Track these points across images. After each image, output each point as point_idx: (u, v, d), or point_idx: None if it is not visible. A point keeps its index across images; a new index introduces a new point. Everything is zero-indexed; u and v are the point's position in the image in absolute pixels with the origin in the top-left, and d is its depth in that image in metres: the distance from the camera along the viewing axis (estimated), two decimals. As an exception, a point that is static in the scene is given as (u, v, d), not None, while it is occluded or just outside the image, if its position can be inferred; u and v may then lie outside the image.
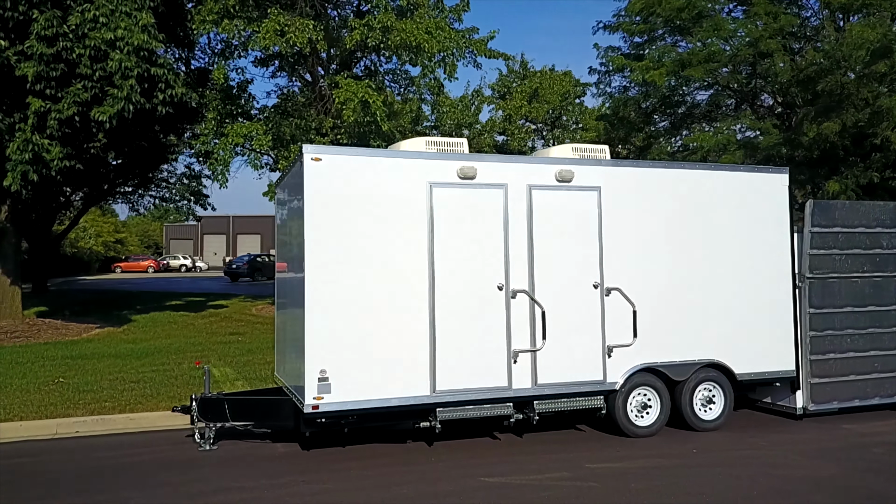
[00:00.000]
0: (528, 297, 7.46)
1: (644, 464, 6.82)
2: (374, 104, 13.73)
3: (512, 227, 7.47)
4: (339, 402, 6.77)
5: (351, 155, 7.15)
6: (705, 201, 8.29)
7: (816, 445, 7.48)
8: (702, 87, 17.71)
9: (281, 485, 6.25)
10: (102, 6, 11.62)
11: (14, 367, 11.40)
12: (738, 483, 6.18)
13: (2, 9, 10.95)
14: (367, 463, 6.91)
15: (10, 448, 7.71)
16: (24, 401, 9.26)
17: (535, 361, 7.46)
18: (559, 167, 7.69)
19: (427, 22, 14.42)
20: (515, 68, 33.48)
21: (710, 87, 18.01)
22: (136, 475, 6.58)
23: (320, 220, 6.83)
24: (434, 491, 6.06)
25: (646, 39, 18.10)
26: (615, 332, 7.77)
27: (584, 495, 5.91)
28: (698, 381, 8.12)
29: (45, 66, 11.30)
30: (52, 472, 6.73)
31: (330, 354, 6.76)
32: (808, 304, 8.64)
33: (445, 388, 7.12)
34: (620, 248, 7.87)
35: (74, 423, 8.57)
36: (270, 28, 13.26)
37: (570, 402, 7.60)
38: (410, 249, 7.11)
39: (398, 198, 7.10)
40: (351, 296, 6.88)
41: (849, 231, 8.86)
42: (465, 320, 7.23)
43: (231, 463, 6.98)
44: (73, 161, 12.32)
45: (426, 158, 7.32)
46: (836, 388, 8.76)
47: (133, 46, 11.23)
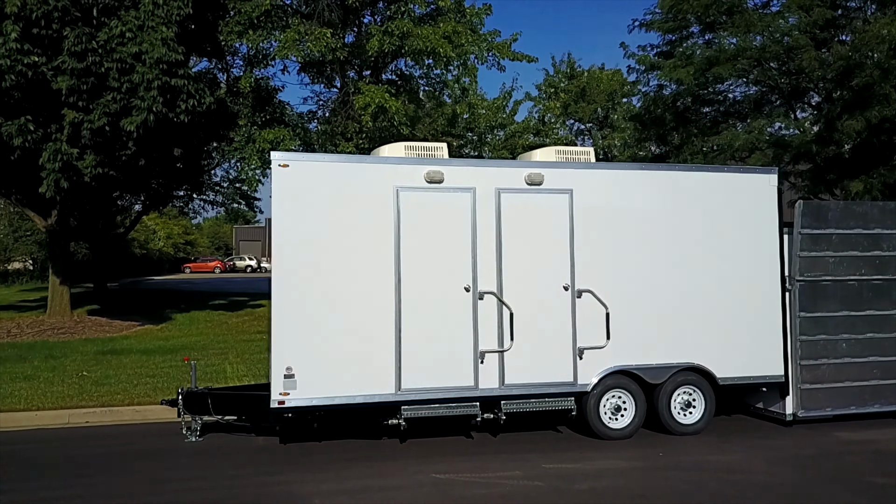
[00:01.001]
0: (496, 298, 7.57)
1: (601, 465, 6.85)
2: (391, 109, 14.05)
3: (480, 230, 7.60)
4: (304, 398, 7.06)
5: (317, 161, 7.48)
6: (685, 203, 8.19)
7: (790, 452, 7.30)
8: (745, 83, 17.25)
9: (243, 475, 6.59)
10: (130, 22, 12.36)
11: (48, 361, 12.23)
12: (684, 487, 6.15)
13: (37, 27, 11.78)
14: (333, 457, 7.17)
15: (17, 435, 8.34)
16: (46, 392, 9.95)
17: (503, 362, 7.56)
18: (528, 170, 7.77)
19: (445, 27, 14.64)
20: (563, 68, 33.35)
21: (753, 84, 17.53)
22: (115, 463, 7.06)
23: (287, 223, 7.15)
24: (382, 485, 6.28)
25: (678, 37, 17.75)
26: (587, 333, 7.78)
27: (523, 493, 6.01)
28: (676, 384, 8.04)
29: (77, 80, 12.10)
30: (41, 459, 7.28)
31: (296, 352, 7.07)
32: (797, 307, 8.42)
33: (410, 387, 7.31)
34: (594, 250, 7.88)
35: (85, 414, 9.17)
36: (290, 38, 13.77)
37: (539, 403, 7.66)
38: (376, 252, 7.33)
39: (364, 201, 7.34)
40: (317, 297, 7.16)
41: (844, 232, 8.57)
42: (430, 321, 7.41)
43: (207, 454, 7.37)
44: (107, 168, 13.11)
45: (392, 163, 7.54)
46: (830, 395, 8.50)
47: (154, 59, 11.90)
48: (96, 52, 12.10)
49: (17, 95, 12.10)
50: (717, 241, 8.25)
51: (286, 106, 18.84)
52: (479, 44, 15.50)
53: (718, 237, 8.26)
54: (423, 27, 14.40)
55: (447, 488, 6.16)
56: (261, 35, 14.31)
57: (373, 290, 7.30)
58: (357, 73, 16.90)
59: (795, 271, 8.42)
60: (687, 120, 17.67)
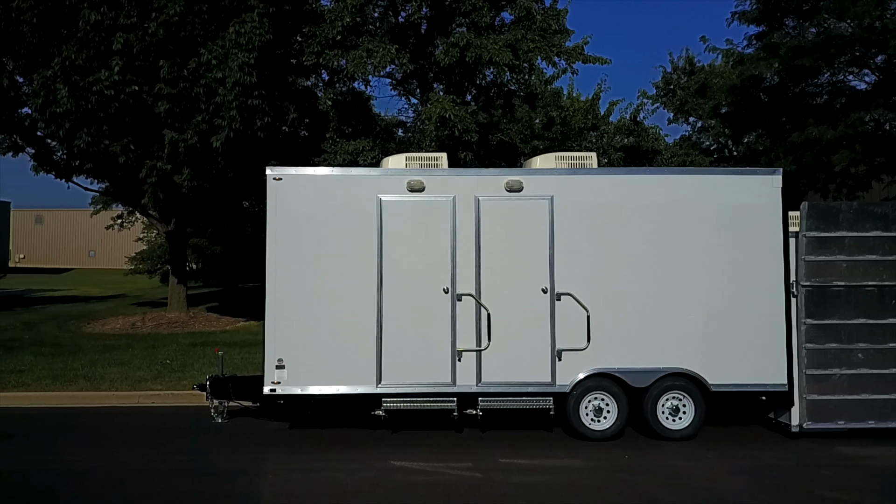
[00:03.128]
0: (474, 299, 7.97)
1: (555, 463, 7.07)
2: (452, 118, 14.63)
3: (459, 235, 8.03)
4: (293, 386, 7.88)
5: (307, 173, 8.23)
6: (677, 206, 8.11)
7: (762, 463, 7.09)
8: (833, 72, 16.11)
9: (231, 451, 7.52)
10: (215, 50, 13.92)
11: (147, 349, 14.02)
12: (614, 486, 6.28)
13: (137, 60, 13.61)
14: (319, 442, 7.92)
15: (87, 410, 9.83)
16: (129, 376, 11.53)
17: (480, 361, 7.94)
18: (507, 178, 8.09)
19: (507, 35, 14.99)
20: (681, 64, 32.15)
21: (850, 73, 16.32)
22: (143, 437, 8.22)
23: (280, 231, 7.99)
24: (338, 466, 6.93)
25: (768, 28, 16.85)
26: (568, 336, 7.96)
27: (454, 482, 6.45)
28: (663, 389, 8.00)
29: (172, 104, 13.82)
30: (88, 431, 8.60)
31: (286, 346, 7.90)
32: (803, 313, 8.06)
33: (391, 382, 7.91)
34: (576, 254, 8.04)
35: (153, 396, 10.60)
36: (358, 57, 14.76)
37: (516, 402, 7.95)
38: (360, 256, 7.99)
39: (350, 210, 8.02)
40: (305, 296, 7.94)
41: (859, 235, 8.09)
42: (409, 321, 7.95)
43: (218, 433, 8.37)
44: (200, 181, 14.81)
45: (376, 174, 8.19)
46: (843, 407, 8.04)
47: (231, 83, 13.33)
48: (186, 79, 13.75)
49: (126, 119, 14.00)
50: (712, 245, 8.10)
51: (378, 117, 20.05)
52: (548, 49, 15.66)
53: (714, 241, 8.10)
54: (482, 38, 14.85)
55: (392, 474, 6.70)
56: (337, 54, 15.42)
57: (356, 291, 7.96)
58: (429, 84, 17.62)
59: (801, 276, 8.07)
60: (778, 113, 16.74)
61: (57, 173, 16.05)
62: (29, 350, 13.80)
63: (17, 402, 10.23)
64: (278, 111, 15.34)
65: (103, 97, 13.23)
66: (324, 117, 17.27)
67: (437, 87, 18.46)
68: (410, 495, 6.11)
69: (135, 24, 13.56)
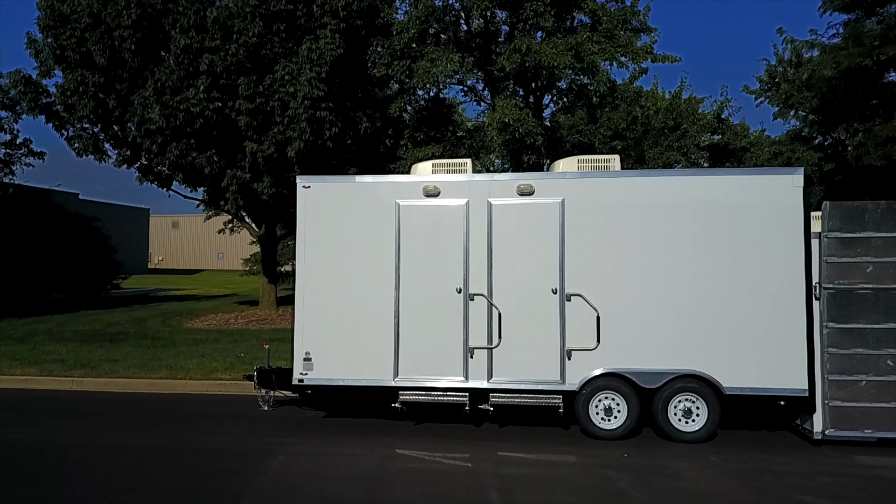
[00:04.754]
0: (486, 299, 8.32)
1: (550, 458, 7.29)
2: (513, 122, 14.91)
3: (472, 238, 8.40)
4: (318, 377, 8.54)
5: (333, 182, 8.85)
6: (692, 208, 8.09)
7: (762, 467, 6.96)
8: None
9: (259, 435, 8.26)
10: (289, 67, 14.99)
11: (230, 344, 15.27)
12: (586, 481, 6.46)
13: (221, 78, 14.89)
14: (342, 430, 8.52)
15: (160, 396, 10.99)
16: (205, 367, 12.68)
17: (491, 358, 8.28)
18: (519, 182, 8.37)
19: (568, 39, 15.07)
20: (786, 56, 30.59)
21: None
22: (187, 421, 9.15)
23: (308, 235, 8.68)
24: (346, 452, 7.49)
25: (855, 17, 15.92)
26: (578, 336, 8.14)
27: (444, 470, 6.82)
28: (674, 390, 7.99)
29: (250, 118, 15.01)
30: (147, 414, 9.66)
31: (313, 340, 8.58)
32: (826, 317, 7.80)
33: (407, 376, 8.40)
34: (587, 256, 8.20)
35: (219, 385, 11.65)
36: (423, 67, 15.36)
37: (526, 399, 8.21)
38: (380, 257, 8.53)
39: (371, 215, 8.59)
40: (330, 296, 8.58)
41: (888, 236, 7.73)
42: (425, 319, 8.40)
43: (260, 419, 9.17)
44: (280, 188, 15.94)
45: (395, 181, 8.70)
46: (871, 415, 7.72)
47: (301, 96, 14.32)
48: (262, 94, 14.90)
49: (210, 133, 15.35)
50: (729, 247, 8.01)
51: (459, 122, 20.61)
52: (612, 50, 15.60)
53: (732, 242, 8.01)
54: (543, 43, 15.04)
55: (391, 460, 7.18)
56: (405, 65, 16.12)
57: (376, 291, 8.51)
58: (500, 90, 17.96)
59: (823, 278, 7.82)
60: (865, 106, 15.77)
61: (159, 183, 17.76)
62: (130, 342, 15.42)
63: (107, 388, 11.57)
64: (350, 121, 16.21)
65: (189, 114, 14.60)
66: (397, 125, 18.03)
67: (509, 90, 18.83)
68: (394, 478, 6.57)
69: (218, 47, 14.85)
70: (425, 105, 18.41)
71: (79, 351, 14.14)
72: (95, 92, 15.49)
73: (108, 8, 14.96)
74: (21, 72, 16.64)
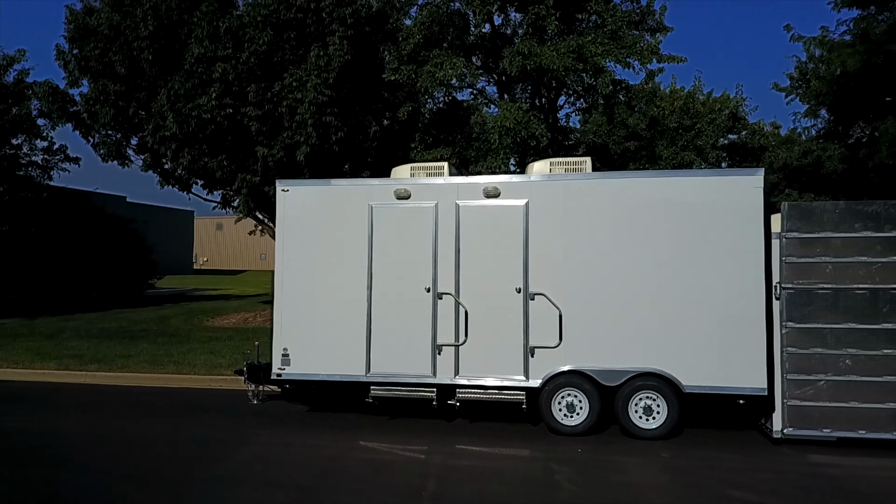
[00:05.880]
0: (453, 298, 8.60)
1: (504, 452, 7.57)
2: (515, 126, 15.12)
3: (441, 238, 8.69)
4: (296, 372, 8.95)
5: (310, 186, 9.25)
6: (653, 209, 8.24)
7: (707, 464, 7.10)
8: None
9: (238, 426, 8.70)
10: (296, 74, 15.51)
11: (242, 341, 15.73)
12: (537, 475, 6.68)
13: (233, 86, 15.50)
14: (317, 423, 8.90)
15: (163, 390, 11.55)
16: (211, 363, 13.21)
17: (458, 355, 8.56)
18: (485, 185, 8.63)
19: (570, 41, 15.19)
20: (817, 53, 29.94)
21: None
22: (177, 413, 9.66)
23: (286, 235, 9.10)
24: (313, 443, 7.89)
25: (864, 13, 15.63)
26: (541, 334, 8.37)
27: (395, 461, 7.17)
28: (634, 388, 8.15)
29: (260, 123, 15.58)
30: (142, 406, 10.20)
31: (290, 337, 8.99)
32: (785, 317, 7.86)
33: (378, 371, 8.74)
34: (550, 256, 8.42)
35: (220, 380, 12.14)
36: (427, 71, 15.68)
37: (491, 395, 8.46)
38: (353, 258, 8.89)
39: (346, 217, 8.96)
40: (307, 294, 8.99)
41: (848, 236, 7.75)
42: (395, 317, 8.73)
43: (245, 412, 9.62)
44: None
45: (368, 184, 9.05)
46: (829, 415, 7.75)
47: (307, 102, 14.81)
48: (270, 101, 15.46)
49: (222, 139, 15.98)
50: (691, 247, 8.14)
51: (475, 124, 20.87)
52: (617, 52, 15.65)
53: (693, 243, 8.14)
54: (544, 45, 15.21)
55: (351, 451, 7.54)
56: (411, 69, 16.47)
57: (349, 290, 8.87)
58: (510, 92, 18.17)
59: (782, 278, 7.88)
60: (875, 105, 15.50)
61: (179, 186, 18.51)
62: (148, 339, 16.14)
63: (117, 381, 12.20)
64: (360, 124, 16.65)
65: (201, 121, 15.23)
66: (408, 128, 18.40)
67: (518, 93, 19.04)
68: (345, 467, 6.92)
69: (230, 55, 15.46)
70: (442, 108, 18.76)
71: (98, 347, 14.88)
72: (116, 100, 16.28)
73: (126, 20, 15.72)
74: (49, 82, 17.60)
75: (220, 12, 15.78)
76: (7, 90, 21.23)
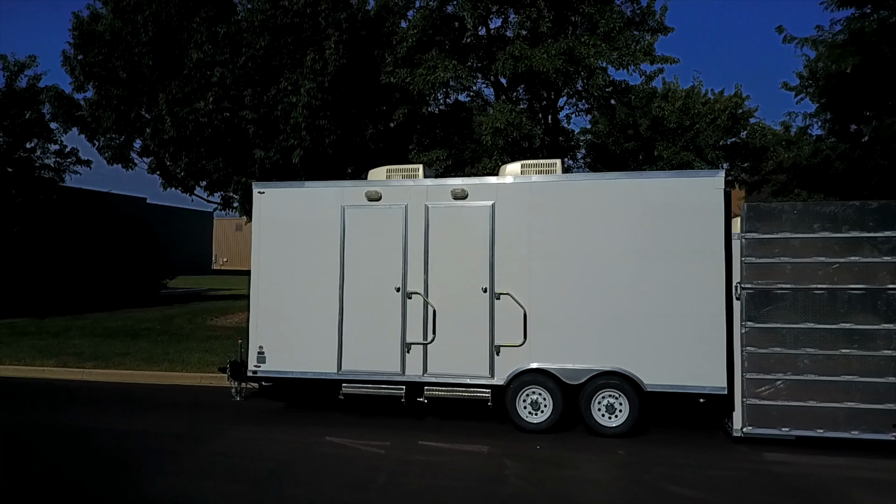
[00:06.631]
0: (422, 298, 8.79)
1: (465, 448, 7.74)
2: (505, 127, 15.25)
3: (411, 239, 8.89)
4: (271, 370, 9.21)
5: (285, 188, 9.48)
6: (615, 210, 8.36)
7: (659, 461, 7.21)
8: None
9: (214, 421, 8.97)
10: (291, 78, 15.81)
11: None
12: (489, 471, 6.85)
13: (230, 90, 15.85)
14: (290, 419, 9.15)
15: (154, 386, 11.88)
16: (204, 361, 13.47)
17: (426, 353, 8.75)
18: (453, 187, 8.81)
19: (562, 44, 15.29)
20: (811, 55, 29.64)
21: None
22: (160, 408, 9.97)
23: (262, 237, 9.36)
24: (279, 438, 8.11)
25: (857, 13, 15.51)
26: (506, 333, 8.53)
27: (354, 455, 7.37)
28: (597, 387, 8.28)
29: (256, 126, 15.90)
30: (129, 403, 10.54)
31: (266, 335, 9.25)
32: (744, 316, 7.94)
33: (349, 369, 8.96)
34: (515, 257, 8.58)
35: (210, 378, 12.40)
36: (419, 74, 15.87)
37: (457, 392, 8.64)
38: (326, 258, 9.12)
39: (319, 219, 9.19)
40: (282, 294, 9.24)
41: (807, 237, 7.82)
42: (366, 316, 8.95)
43: (226, 408, 9.87)
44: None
45: (340, 186, 9.26)
46: (788, 414, 7.83)
47: (300, 105, 15.10)
48: (266, 105, 15.76)
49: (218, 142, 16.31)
50: (653, 247, 8.26)
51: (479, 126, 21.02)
52: (609, 53, 15.72)
53: (655, 243, 8.25)
54: (534, 48, 15.33)
55: (312, 446, 7.78)
56: (406, 72, 16.68)
57: (322, 290, 9.11)
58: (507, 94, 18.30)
59: (742, 278, 7.97)
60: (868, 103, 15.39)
61: (183, 188, 18.89)
62: (149, 337, 16.55)
63: (111, 378, 12.57)
64: (356, 127, 16.90)
65: (198, 124, 15.58)
66: (406, 130, 18.62)
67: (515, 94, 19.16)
68: (306, 461, 7.15)
69: (227, 60, 15.79)
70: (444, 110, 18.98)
71: (99, 345, 15.30)
72: (118, 105, 16.69)
73: (128, 26, 16.11)
74: (56, 87, 18.08)
75: (219, 18, 16.11)
76: (18, 95, 21.81)
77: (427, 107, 18.70)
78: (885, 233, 7.64)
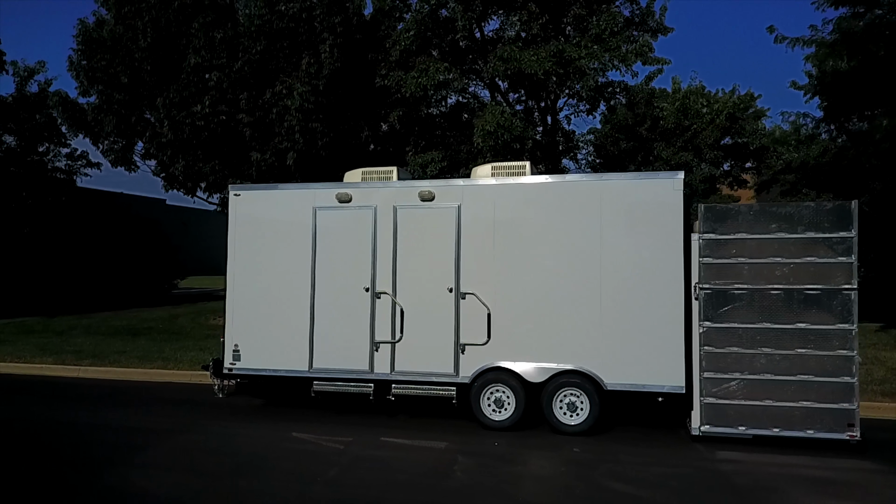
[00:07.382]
0: (390, 297, 8.99)
1: (423, 444, 7.95)
2: (495, 130, 15.41)
3: (380, 240, 9.10)
4: (245, 367, 9.47)
5: (260, 190, 9.74)
6: (576, 211, 8.50)
7: (610, 458, 7.34)
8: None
9: (191, 417, 9.24)
10: (286, 81, 16.11)
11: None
12: (438, 466, 7.02)
13: (227, 94, 16.20)
14: (266, 415, 9.39)
15: (146, 384, 12.20)
16: (197, 359, 13.72)
17: (394, 352, 8.95)
18: (420, 189, 9.01)
19: (551, 46, 15.40)
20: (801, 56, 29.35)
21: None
22: (144, 404, 10.28)
23: (237, 238, 9.62)
24: (249, 433, 8.36)
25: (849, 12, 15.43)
26: (471, 332, 8.70)
27: (313, 451, 7.59)
28: (558, 385, 8.42)
29: (252, 130, 16.22)
30: (116, 399, 10.86)
31: (241, 334, 9.51)
32: (701, 316, 8.04)
33: (320, 367, 9.19)
34: (481, 258, 8.74)
35: (199, 375, 12.65)
36: (411, 77, 16.08)
37: (424, 390, 8.83)
38: (298, 259, 9.36)
39: (292, 220, 9.43)
40: (256, 294, 9.49)
41: (763, 237, 7.89)
42: (336, 315, 9.17)
43: (208, 404, 10.14)
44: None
45: (312, 188, 9.49)
46: (744, 413, 7.91)
47: (293, 109, 15.39)
48: (261, 108, 16.08)
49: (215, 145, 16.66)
50: (613, 248, 8.38)
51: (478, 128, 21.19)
52: (600, 54, 15.80)
53: (615, 244, 8.37)
54: (523, 50, 15.47)
55: (280, 441, 8.02)
56: (399, 74, 16.91)
57: (294, 289, 9.34)
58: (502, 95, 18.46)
59: (700, 279, 8.06)
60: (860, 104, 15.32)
61: (184, 190, 19.29)
62: (149, 336, 16.93)
63: (106, 376, 12.93)
64: (351, 130, 17.16)
65: (195, 127, 15.95)
66: (402, 132, 18.83)
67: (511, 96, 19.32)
68: (269, 455, 7.38)
69: (224, 64, 16.13)
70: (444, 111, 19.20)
71: (100, 343, 15.70)
72: (119, 109, 17.12)
73: (129, 32, 16.53)
74: (61, 92, 18.55)
75: (217, 24, 16.44)
76: (29, 100, 22.38)
77: (423, 109, 18.90)
78: (839, 233, 7.70)
